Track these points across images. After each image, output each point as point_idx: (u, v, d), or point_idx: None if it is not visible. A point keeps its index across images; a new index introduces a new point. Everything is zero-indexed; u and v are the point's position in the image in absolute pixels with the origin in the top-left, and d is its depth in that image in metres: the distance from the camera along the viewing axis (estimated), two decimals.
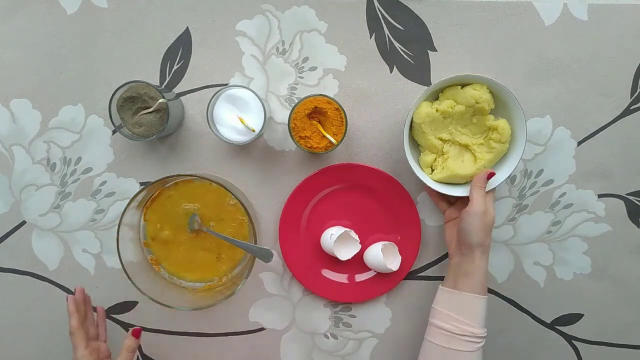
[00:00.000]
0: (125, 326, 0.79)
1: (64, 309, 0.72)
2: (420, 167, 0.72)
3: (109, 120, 0.69)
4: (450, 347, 0.64)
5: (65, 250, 0.78)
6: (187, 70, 0.76)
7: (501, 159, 0.71)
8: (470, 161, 0.72)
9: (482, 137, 0.72)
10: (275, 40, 0.76)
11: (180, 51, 0.76)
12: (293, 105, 0.72)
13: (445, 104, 0.69)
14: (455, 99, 0.69)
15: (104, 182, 0.78)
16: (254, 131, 0.69)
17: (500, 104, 0.71)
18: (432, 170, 0.72)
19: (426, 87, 0.73)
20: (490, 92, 0.69)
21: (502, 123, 0.69)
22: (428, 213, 0.77)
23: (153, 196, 0.75)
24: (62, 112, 0.77)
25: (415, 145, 0.74)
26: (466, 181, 0.71)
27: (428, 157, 0.72)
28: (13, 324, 0.79)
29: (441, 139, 0.72)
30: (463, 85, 0.70)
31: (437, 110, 0.69)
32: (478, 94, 0.68)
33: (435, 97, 0.72)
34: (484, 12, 0.75)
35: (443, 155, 0.72)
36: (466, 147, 0.72)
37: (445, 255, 0.78)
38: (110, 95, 0.69)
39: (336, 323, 0.79)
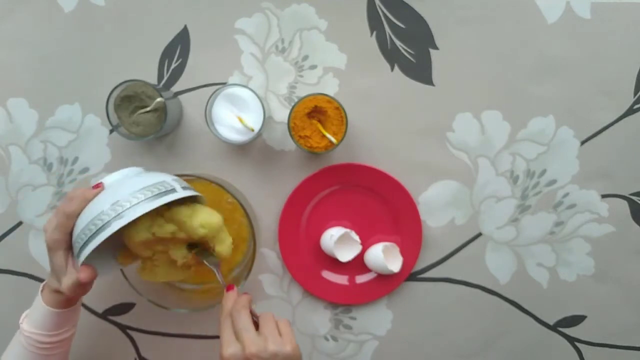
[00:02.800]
0: (123, 328, 0.79)
1: None
2: None
3: (106, 119, 0.69)
4: None
5: None
6: (185, 69, 0.75)
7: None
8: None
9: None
10: (275, 39, 0.75)
11: (178, 49, 0.75)
12: (293, 104, 0.71)
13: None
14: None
15: None
16: (253, 130, 0.68)
17: None
18: None
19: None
20: None
21: None
22: (429, 214, 0.76)
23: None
24: (58, 111, 0.76)
25: None
26: None
27: None
28: (10, 325, 0.78)
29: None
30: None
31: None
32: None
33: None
34: (485, 10, 0.74)
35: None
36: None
37: (448, 256, 0.77)
38: (108, 94, 0.68)
39: (336, 325, 0.78)
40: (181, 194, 0.58)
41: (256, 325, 0.57)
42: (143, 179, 0.59)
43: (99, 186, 0.59)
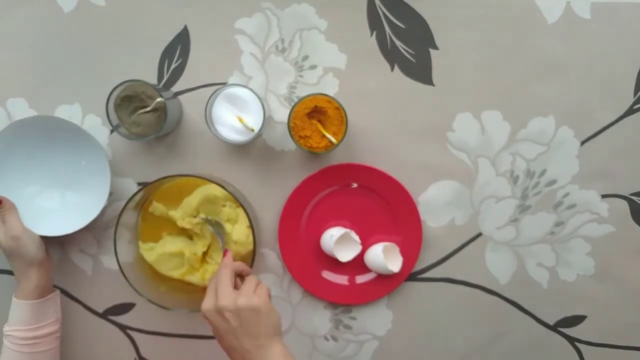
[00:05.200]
0: (123, 328, 0.79)
1: (65, 308, 0.73)
2: None
3: (107, 119, 0.69)
4: None
5: (62, 251, 0.78)
6: (185, 69, 0.75)
7: None
8: None
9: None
10: (275, 39, 0.75)
11: (178, 50, 0.75)
12: (293, 104, 0.71)
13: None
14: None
15: None
16: (253, 130, 0.68)
17: None
18: None
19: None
20: None
21: None
22: (429, 214, 0.76)
23: (151, 197, 0.74)
24: (58, 111, 0.76)
25: None
26: None
27: None
28: None
29: None
30: None
31: None
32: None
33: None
34: (485, 10, 0.74)
35: None
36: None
37: (448, 256, 0.77)
38: (108, 94, 0.68)
39: (336, 325, 0.78)
40: None
41: None
42: None
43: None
